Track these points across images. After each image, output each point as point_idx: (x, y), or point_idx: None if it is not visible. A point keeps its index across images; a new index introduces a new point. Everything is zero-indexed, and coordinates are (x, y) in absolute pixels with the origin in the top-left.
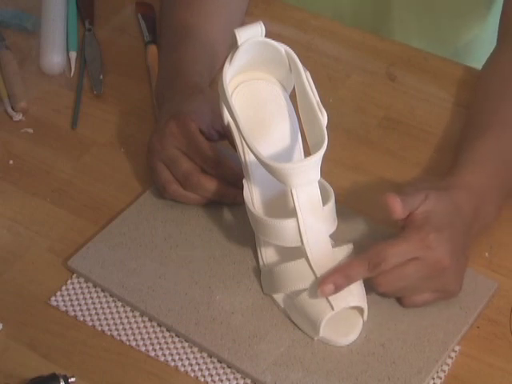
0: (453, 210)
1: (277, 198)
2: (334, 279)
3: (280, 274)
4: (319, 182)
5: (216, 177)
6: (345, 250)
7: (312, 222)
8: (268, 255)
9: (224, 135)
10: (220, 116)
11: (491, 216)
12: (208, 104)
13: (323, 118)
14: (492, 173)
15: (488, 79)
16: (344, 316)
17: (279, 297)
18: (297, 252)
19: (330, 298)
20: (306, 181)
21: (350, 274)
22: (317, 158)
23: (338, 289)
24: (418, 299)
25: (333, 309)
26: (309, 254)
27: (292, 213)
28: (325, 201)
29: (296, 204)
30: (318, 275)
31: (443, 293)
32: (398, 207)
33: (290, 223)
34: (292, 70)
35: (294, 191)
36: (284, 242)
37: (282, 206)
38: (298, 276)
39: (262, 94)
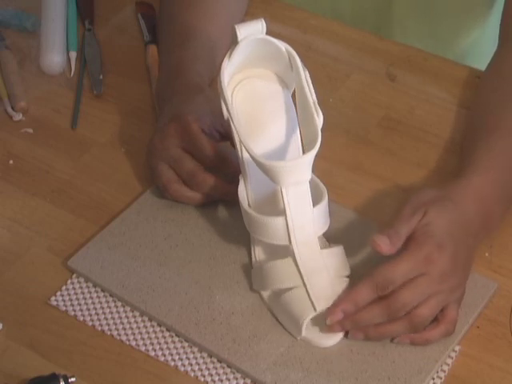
0: (457, 220)
1: (272, 196)
2: (343, 307)
3: (268, 271)
4: (313, 182)
5: (219, 175)
6: (333, 252)
7: (301, 222)
8: (260, 252)
9: (225, 135)
10: (220, 116)
11: (497, 221)
12: (208, 104)
13: (318, 119)
14: (498, 178)
15: (491, 80)
16: None
17: (266, 294)
18: (286, 250)
19: (314, 298)
20: (296, 180)
21: (358, 301)
22: (308, 158)
23: (347, 316)
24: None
25: (315, 310)
26: (296, 253)
27: (283, 211)
28: (318, 200)
29: (285, 203)
30: (304, 275)
31: (447, 301)
32: (385, 248)
33: (278, 221)
34: (293, 68)
35: (283, 190)
36: (272, 240)
37: (276, 203)
38: (284, 274)
39: (262, 91)
